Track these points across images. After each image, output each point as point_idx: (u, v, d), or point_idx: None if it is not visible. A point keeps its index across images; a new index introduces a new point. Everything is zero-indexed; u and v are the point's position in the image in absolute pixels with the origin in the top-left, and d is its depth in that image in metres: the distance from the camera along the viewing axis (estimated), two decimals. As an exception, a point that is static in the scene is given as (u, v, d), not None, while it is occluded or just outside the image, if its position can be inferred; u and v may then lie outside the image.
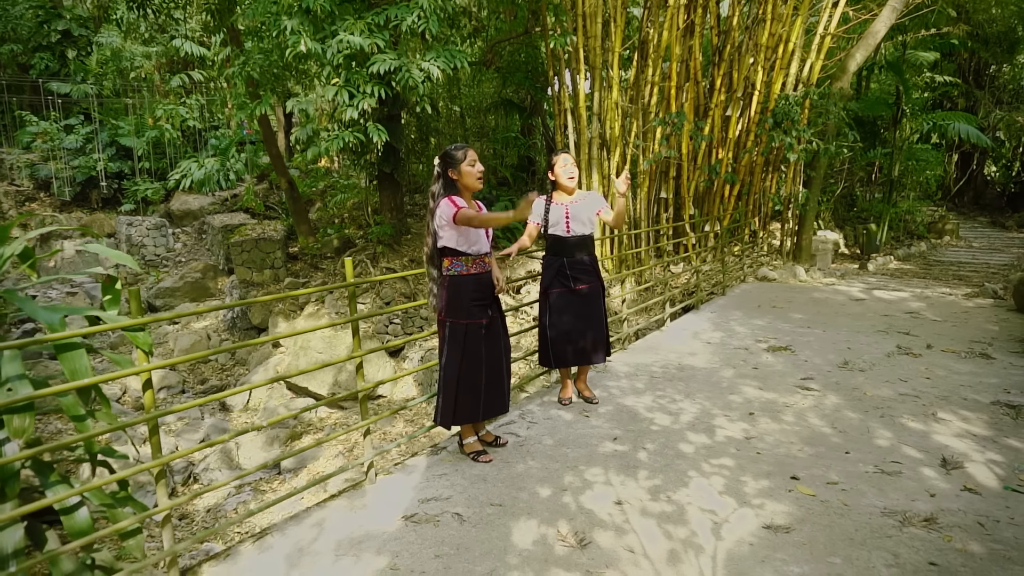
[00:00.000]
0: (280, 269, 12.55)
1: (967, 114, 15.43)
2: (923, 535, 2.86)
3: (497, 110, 15.85)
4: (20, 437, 2.04)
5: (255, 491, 7.70)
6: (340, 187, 13.65)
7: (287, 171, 12.74)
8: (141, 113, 17.37)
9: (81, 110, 17.36)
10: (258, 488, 7.78)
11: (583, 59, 9.75)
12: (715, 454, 3.71)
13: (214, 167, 13.47)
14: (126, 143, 16.75)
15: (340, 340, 10.16)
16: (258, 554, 2.74)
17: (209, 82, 16.08)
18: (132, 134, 16.68)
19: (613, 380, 5.11)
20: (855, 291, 9.06)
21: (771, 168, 11.11)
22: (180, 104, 13.76)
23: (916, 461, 3.61)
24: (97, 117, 16.80)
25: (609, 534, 2.87)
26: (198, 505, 7.39)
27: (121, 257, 2.52)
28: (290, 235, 13.36)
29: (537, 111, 15.25)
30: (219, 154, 15.94)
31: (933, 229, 17.25)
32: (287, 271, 12.67)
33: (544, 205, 4.36)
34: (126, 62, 17.32)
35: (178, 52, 11.52)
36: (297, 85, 13.72)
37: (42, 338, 2.09)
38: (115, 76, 17.58)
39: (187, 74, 12.37)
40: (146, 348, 2.33)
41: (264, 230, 13.02)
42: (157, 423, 2.36)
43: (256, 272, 12.44)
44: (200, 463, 8.23)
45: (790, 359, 5.69)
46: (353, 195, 13.36)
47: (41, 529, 2.32)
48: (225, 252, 14.35)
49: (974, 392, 4.79)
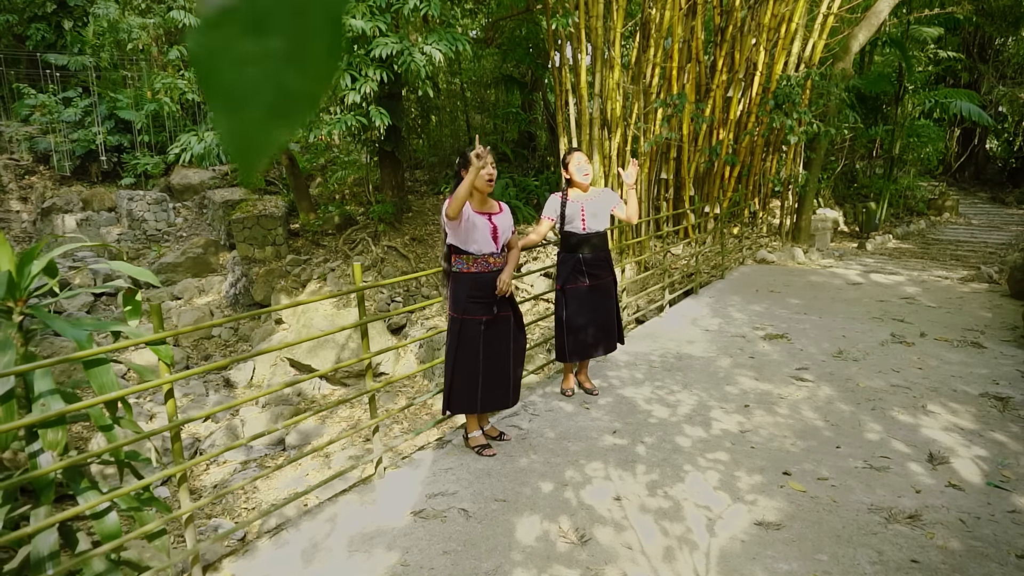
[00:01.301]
0: (281, 246, 12.63)
1: (969, 91, 15.37)
2: (907, 532, 3.01)
3: (498, 85, 15.77)
4: (54, 449, 2.16)
5: (260, 467, 7.88)
6: (341, 163, 13.66)
7: (287, 147, 12.73)
8: (140, 86, 17.25)
9: (79, 82, 17.24)
10: (263, 464, 7.97)
11: (584, 39, 9.71)
12: (711, 448, 3.86)
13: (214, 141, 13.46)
14: (125, 116, 16.67)
15: (342, 318, 10.29)
16: (275, 549, 2.89)
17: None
18: (131, 107, 16.59)
19: (613, 370, 5.25)
20: (852, 274, 9.17)
21: (772, 149, 11.13)
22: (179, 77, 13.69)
23: (904, 456, 3.76)
24: (95, 90, 16.69)
25: (608, 530, 3.02)
26: (205, 481, 7.58)
27: (142, 274, 2.62)
28: (291, 211, 13.41)
29: (538, 87, 15.17)
30: (219, 128, 15.86)
31: (933, 206, 17.29)
32: (288, 248, 12.75)
33: (560, 202, 4.43)
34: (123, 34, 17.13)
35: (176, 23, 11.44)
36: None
37: (71, 356, 2.20)
38: (112, 48, 17.42)
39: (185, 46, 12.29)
40: (168, 360, 2.44)
41: (265, 206, 13.07)
42: (179, 431, 2.48)
43: (258, 248, 12.52)
44: (206, 439, 8.41)
45: (786, 348, 5.82)
46: (354, 171, 13.38)
47: (72, 530, 2.46)
48: (226, 227, 14.40)
49: (964, 383, 4.93)
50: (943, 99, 14.25)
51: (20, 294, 2.28)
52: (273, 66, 0.20)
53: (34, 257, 2.32)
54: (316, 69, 0.20)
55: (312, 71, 0.20)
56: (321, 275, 11.64)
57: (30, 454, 2.21)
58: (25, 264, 2.32)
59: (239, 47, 0.20)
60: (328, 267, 11.78)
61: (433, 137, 16.31)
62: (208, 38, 0.21)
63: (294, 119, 0.21)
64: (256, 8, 0.20)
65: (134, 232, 15.05)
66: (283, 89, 0.20)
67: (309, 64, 0.20)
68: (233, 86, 0.21)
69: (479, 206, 3.58)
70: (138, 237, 15.03)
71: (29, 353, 2.31)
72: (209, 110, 0.21)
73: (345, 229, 12.55)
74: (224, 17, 0.20)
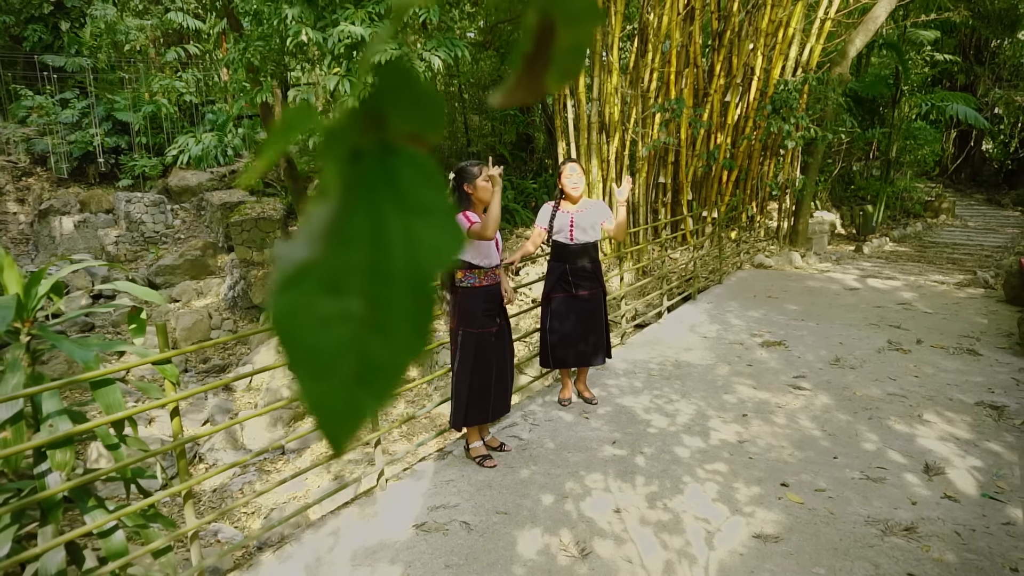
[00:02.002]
0: (280, 249, 12.63)
1: (966, 95, 15.44)
2: (903, 544, 3.04)
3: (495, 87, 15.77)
4: (63, 470, 2.19)
5: (260, 471, 7.90)
6: (339, 166, 13.65)
7: (286, 150, 12.74)
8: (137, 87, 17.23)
9: (76, 83, 17.22)
10: (263, 468, 7.99)
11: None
12: (709, 459, 3.89)
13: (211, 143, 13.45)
14: (123, 118, 16.65)
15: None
16: (279, 564, 2.92)
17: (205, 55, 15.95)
18: (128, 108, 16.57)
19: (612, 378, 5.28)
20: (849, 279, 9.21)
21: (769, 153, 11.17)
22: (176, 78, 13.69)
23: (900, 467, 3.80)
24: (93, 91, 16.67)
25: (608, 543, 3.05)
26: (204, 486, 7.59)
27: (149, 294, 2.64)
28: (289, 213, 13.42)
29: (536, 89, 15.17)
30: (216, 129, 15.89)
31: (929, 208, 17.35)
32: (287, 250, 12.75)
33: (551, 212, 4.47)
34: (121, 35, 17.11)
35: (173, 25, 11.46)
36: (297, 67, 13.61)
37: (79, 377, 2.22)
38: (110, 49, 17.40)
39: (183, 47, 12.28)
40: (174, 380, 2.46)
41: (263, 209, 13.08)
42: (184, 449, 2.51)
43: (256, 251, 12.53)
44: (205, 443, 8.42)
45: (783, 355, 5.86)
46: (352, 174, 13.36)
47: (79, 547, 2.49)
48: (224, 229, 14.41)
49: (959, 392, 4.97)
50: (939, 102, 14.32)
51: (28, 315, 2.31)
52: (355, 330, 0.22)
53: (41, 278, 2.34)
54: (400, 339, 0.22)
55: (396, 341, 0.22)
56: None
57: (38, 474, 2.24)
58: (32, 285, 2.34)
59: (320, 307, 0.22)
60: (326, 270, 11.79)
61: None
62: (287, 297, 0.23)
63: (382, 391, 0.23)
64: (334, 266, 0.22)
65: (132, 234, 15.05)
66: (367, 357, 0.22)
67: (392, 333, 0.22)
68: (316, 350, 0.22)
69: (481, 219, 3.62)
70: (136, 239, 15.03)
71: (36, 373, 2.33)
72: (293, 374, 0.23)
73: (343, 232, 12.56)
74: (303, 274, 0.22)
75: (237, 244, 12.56)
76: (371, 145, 0.24)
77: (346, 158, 0.24)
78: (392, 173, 0.24)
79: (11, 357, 2.20)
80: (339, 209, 0.23)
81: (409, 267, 0.23)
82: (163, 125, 17.24)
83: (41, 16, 17.52)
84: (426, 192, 0.24)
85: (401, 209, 0.23)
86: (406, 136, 0.26)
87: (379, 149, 0.24)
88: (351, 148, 0.24)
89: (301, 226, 0.25)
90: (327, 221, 0.23)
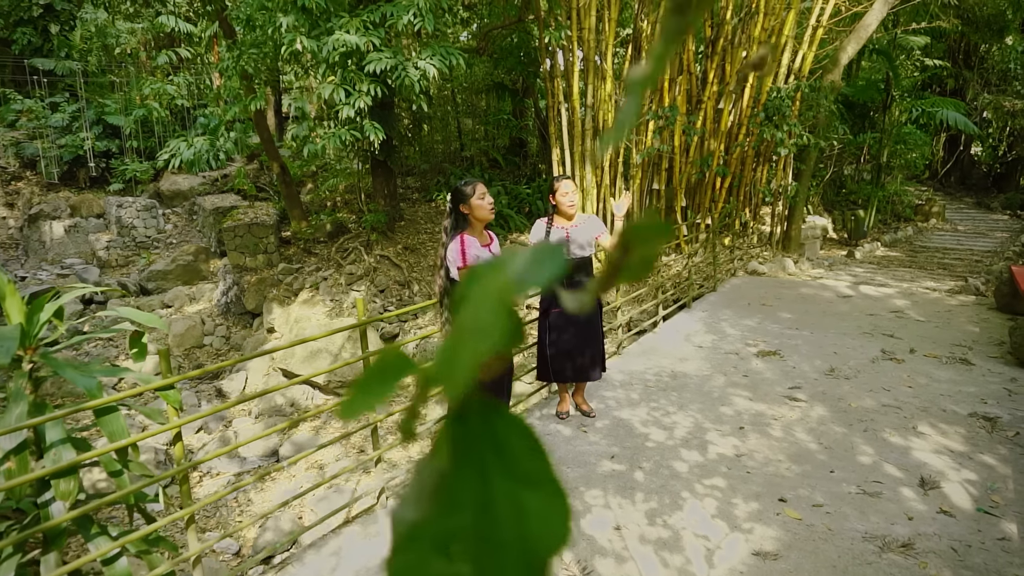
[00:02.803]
0: (273, 254, 12.60)
1: (955, 100, 15.58)
2: (900, 561, 3.07)
3: (489, 92, 15.80)
4: (67, 500, 2.18)
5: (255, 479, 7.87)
6: (333, 171, 13.65)
7: (279, 155, 12.71)
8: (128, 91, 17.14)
9: (66, 87, 17.10)
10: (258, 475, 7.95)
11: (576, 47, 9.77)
12: (708, 473, 3.91)
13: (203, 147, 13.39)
14: (113, 121, 16.55)
15: (335, 327, 10.28)
16: (281, 585, 2.92)
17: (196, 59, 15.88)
18: (119, 112, 16.48)
19: (609, 390, 5.30)
20: (842, 286, 9.28)
21: (762, 160, 11.23)
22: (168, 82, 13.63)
23: (896, 480, 3.83)
24: (83, 95, 16.56)
25: (609, 562, 3.07)
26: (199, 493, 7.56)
27: (151, 320, 2.64)
28: (282, 219, 13.38)
29: (529, 93, 15.22)
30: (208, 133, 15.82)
31: (920, 211, 17.50)
32: (280, 256, 12.72)
33: (545, 228, 4.49)
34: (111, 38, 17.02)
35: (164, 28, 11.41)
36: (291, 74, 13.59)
37: (82, 405, 2.22)
38: (100, 52, 17.30)
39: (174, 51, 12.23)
40: (176, 405, 2.46)
41: (256, 214, 13.04)
42: (187, 474, 2.50)
43: (249, 257, 12.49)
44: (199, 451, 8.40)
45: (779, 365, 5.90)
46: (345, 179, 13.36)
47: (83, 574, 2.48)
48: (217, 234, 14.35)
49: (953, 402, 5.02)
50: (929, 107, 14.43)
51: (30, 342, 2.30)
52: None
53: (44, 305, 2.34)
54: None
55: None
56: (314, 284, 11.62)
57: (42, 503, 2.23)
58: (35, 313, 2.34)
59: (433, 568, 0.23)
60: (320, 276, 11.77)
61: (424, 144, 16.31)
62: (404, 557, 0.24)
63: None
64: (446, 528, 0.23)
65: (123, 239, 14.97)
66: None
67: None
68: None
69: (482, 239, 3.63)
70: (127, 244, 14.95)
71: (39, 401, 2.32)
72: None
73: (337, 237, 12.54)
74: (416, 533, 0.23)
75: (230, 249, 12.51)
76: (474, 404, 0.25)
77: (453, 418, 0.25)
78: (496, 437, 0.25)
79: (14, 386, 2.20)
80: (449, 471, 0.24)
81: (519, 539, 0.24)
82: (154, 129, 17.15)
83: (30, 19, 17.39)
84: (531, 461, 0.25)
85: (509, 477, 0.24)
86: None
87: (482, 409, 0.25)
88: (457, 407, 0.25)
89: (412, 484, 0.25)
90: (438, 483, 0.24)
